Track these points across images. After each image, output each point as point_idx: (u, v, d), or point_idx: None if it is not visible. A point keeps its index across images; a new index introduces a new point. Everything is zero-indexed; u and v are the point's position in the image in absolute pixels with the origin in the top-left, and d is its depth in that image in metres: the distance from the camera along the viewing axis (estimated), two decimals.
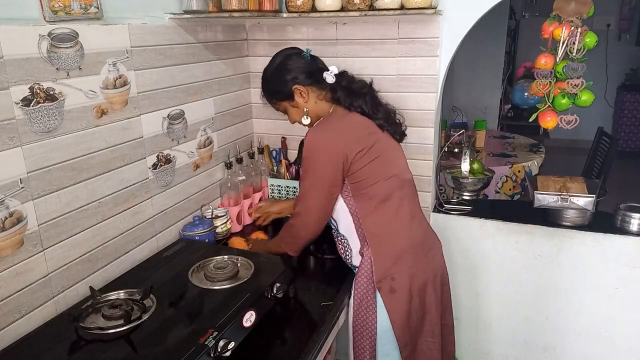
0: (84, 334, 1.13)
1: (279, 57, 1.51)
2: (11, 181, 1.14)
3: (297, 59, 1.49)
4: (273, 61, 1.52)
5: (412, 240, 1.47)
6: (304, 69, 1.48)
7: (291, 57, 1.49)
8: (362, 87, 1.51)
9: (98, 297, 1.26)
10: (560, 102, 1.60)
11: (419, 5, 1.59)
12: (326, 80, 1.48)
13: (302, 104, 1.50)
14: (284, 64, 1.48)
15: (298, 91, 1.47)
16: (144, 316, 1.18)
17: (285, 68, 1.48)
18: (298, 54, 1.50)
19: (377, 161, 1.42)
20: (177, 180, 1.72)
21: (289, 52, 1.52)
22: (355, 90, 1.48)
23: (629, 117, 5.77)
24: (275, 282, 1.33)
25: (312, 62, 1.50)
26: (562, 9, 1.56)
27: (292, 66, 1.48)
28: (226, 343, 1.09)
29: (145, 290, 1.25)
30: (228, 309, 1.19)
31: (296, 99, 1.49)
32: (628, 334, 1.89)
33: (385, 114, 1.51)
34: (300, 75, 1.47)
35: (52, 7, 1.19)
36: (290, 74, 1.47)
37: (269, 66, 1.52)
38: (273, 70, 1.50)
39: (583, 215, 1.85)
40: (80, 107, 1.30)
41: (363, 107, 1.47)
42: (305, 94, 1.48)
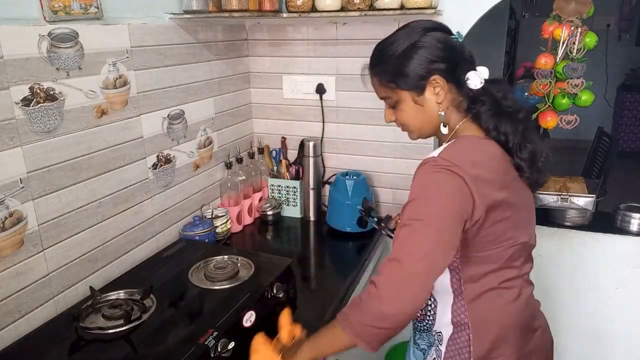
0: (84, 334, 1.13)
1: (417, 31, 1.05)
2: (11, 181, 1.13)
3: (445, 41, 1.06)
4: (407, 34, 1.06)
5: (520, 319, 1.09)
6: (450, 57, 1.05)
7: (436, 35, 1.05)
8: (518, 110, 1.08)
9: (98, 297, 1.26)
10: (560, 102, 1.60)
11: (419, 5, 1.59)
12: (468, 83, 1.06)
13: (433, 105, 1.07)
14: (426, 43, 1.04)
15: (435, 85, 1.05)
16: (144, 316, 1.18)
17: (426, 48, 1.03)
18: (447, 33, 1.08)
19: (509, 221, 1.02)
20: (177, 180, 1.72)
21: (433, 27, 1.07)
22: (505, 111, 1.06)
23: (629, 117, 5.76)
24: (276, 282, 1.33)
25: (462, 51, 1.08)
26: (562, 9, 1.56)
27: (437, 48, 1.04)
28: (226, 343, 1.09)
29: (145, 290, 1.25)
30: (228, 309, 1.19)
31: (427, 95, 1.06)
32: (628, 334, 1.89)
33: (532, 155, 1.06)
34: (443, 64, 1.04)
35: (52, 7, 1.19)
36: (432, 57, 1.03)
37: (400, 39, 1.06)
38: (409, 46, 1.04)
39: (583, 215, 1.85)
40: (80, 107, 1.30)
41: (509, 137, 1.04)
42: (443, 93, 1.05)
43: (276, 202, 2.03)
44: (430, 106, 1.07)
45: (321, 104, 2.02)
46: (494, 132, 1.05)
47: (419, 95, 1.06)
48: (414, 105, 1.08)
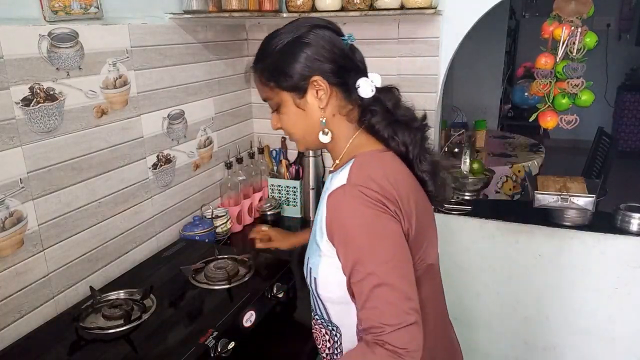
0: (84, 334, 1.13)
1: (303, 27, 0.96)
2: (11, 181, 1.14)
3: (332, 41, 0.95)
4: (293, 29, 0.96)
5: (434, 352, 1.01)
6: (337, 59, 0.95)
7: (324, 34, 0.95)
8: (413, 118, 1.02)
9: (98, 297, 1.26)
10: (560, 102, 1.60)
11: (419, 5, 1.59)
12: (359, 91, 0.97)
13: (315, 109, 0.96)
14: (311, 40, 0.94)
15: (316, 87, 0.94)
16: (144, 316, 1.18)
17: (310, 45, 0.93)
18: (336, 33, 0.97)
19: (416, 241, 0.93)
20: (177, 180, 1.72)
21: (322, 25, 0.97)
22: (400, 120, 1.00)
23: (629, 117, 5.76)
24: (276, 282, 1.33)
25: (350, 54, 0.97)
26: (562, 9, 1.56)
27: (322, 47, 0.94)
28: (226, 343, 1.09)
29: (145, 290, 1.25)
30: (228, 309, 1.19)
31: (308, 98, 0.96)
32: (628, 334, 1.89)
33: (433, 167, 1.01)
34: (328, 65, 0.94)
35: (52, 7, 1.19)
36: (315, 56, 0.93)
37: (284, 33, 0.97)
38: (290, 41, 0.95)
39: (583, 215, 1.85)
40: (80, 107, 1.30)
41: (408, 147, 0.98)
42: (325, 96, 0.95)
43: (276, 202, 2.03)
44: (312, 111, 0.96)
45: None
46: (393, 142, 0.98)
47: (301, 97, 0.96)
48: (296, 109, 0.97)
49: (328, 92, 0.95)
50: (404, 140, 0.98)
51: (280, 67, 0.96)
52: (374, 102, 0.98)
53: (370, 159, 0.95)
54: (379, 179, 0.89)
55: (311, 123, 0.98)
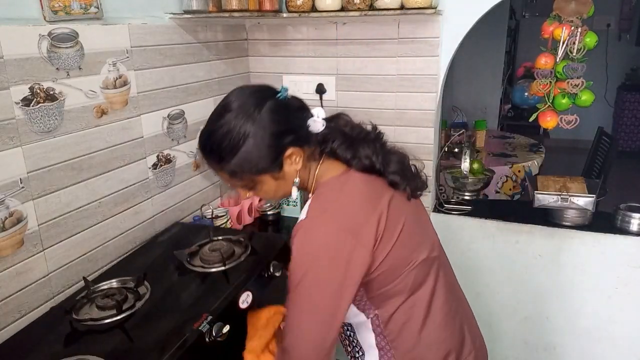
0: (78, 326, 1.12)
1: (249, 111, 0.93)
2: (11, 181, 1.13)
3: (282, 107, 0.97)
4: (240, 117, 0.93)
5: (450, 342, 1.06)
6: (292, 120, 0.97)
7: (271, 105, 0.95)
8: (367, 132, 1.07)
9: (92, 288, 1.25)
10: (560, 102, 1.60)
11: (419, 5, 1.59)
12: (310, 129, 0.99)
13: (292, 173, 0.99)
14: (267, 119, 0.93)
15: (292, 156, 0.97)
16: (138, 304, 1.17)
17: (270, 124, 0.93)
18: (274, 95, 0.97)
19: (398, 245, 0.97)
20: (177, 180, 1.72)
21: (261, 97, 0.96)
22: (357, 138, 1.03)
23: (629, 117, 5.76)
24: (272, 260, 1.32)
25: (293, 106, 1.00)
26: (562, 9, 1.56)
27: (280, 120, 0.95)
28: (221, 327, 1.09)
29: (138, 278, 1.23)
30: (224, 291, 1.19)
31: (285, 168, 0.97)
32: (628, 334, 1.89)
33: (400, 165, 1.05)
34: (291, 133, 0.96)
35: (52, 7, 1.19)
36: (279, 132, 0.94)
37: (234, 125, 0.93)
38: (250, 132, 0.92)
39: (583, 215, 1.85)
40: (80, 107, 1.30)
41: (372, 158, 1.01)
42: (300, 158, 0.98)
43: (276, 202, 2.03)
44: (290, 176, 1.00)
45: (321, 104, 2.02)
46: (356, 160, 1.01)
47: (279, 172, 0.98)
48: (275, 182, 0.99)
49: (302, 154, 0.98)
50: (367, 154, 1.01)
51: (252, 159, 0.94)
52: (329, 132, 1.01)
53: (328, 189, 0.99)
54: (339, 210, 0.94)
55: (287, 185, 1.01)
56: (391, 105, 1.91)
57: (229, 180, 0.99)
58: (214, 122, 0.96)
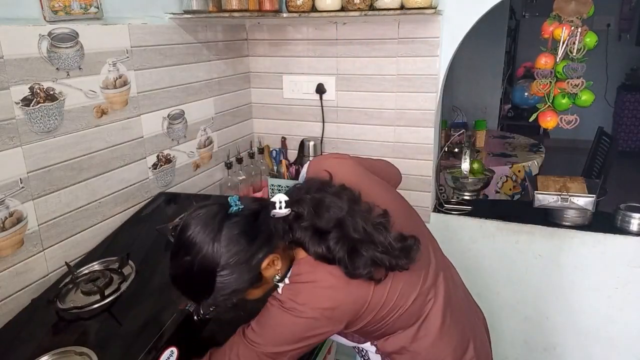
0: (64, 315, 1.08)
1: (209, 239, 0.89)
2: (11, 181, 1.14)
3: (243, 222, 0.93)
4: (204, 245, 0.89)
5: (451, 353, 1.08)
6: (260, 227, 0.94)
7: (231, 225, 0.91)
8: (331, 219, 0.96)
9: (75, 273, 1.21)
10: (560, 102, 1.60)
11: (419, 5, 1.59)
12: (275, 217, 0.96)
13: (272, 276, 0.97)
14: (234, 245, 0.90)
15: (270, 264, 0.95)
16: (123, 286, 1.13)
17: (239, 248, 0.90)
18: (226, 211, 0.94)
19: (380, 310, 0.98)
20: (177, 180, 1.72)
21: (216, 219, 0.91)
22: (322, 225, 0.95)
23: (629, 117, 5.76)
24: None
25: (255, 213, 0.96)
26: (562, 9, 1.56)
27: (245, 239, 0.91)
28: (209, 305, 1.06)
29: (122, 259, 1.21)
30: None
31: (266, 275, 0.96)
32: (628, 334, 1.88)
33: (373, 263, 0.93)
34: (265, 242, 0.93)
35: (52, 7, 1.19)
36: (251, 252, 0.91)
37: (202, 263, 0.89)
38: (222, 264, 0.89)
39: (583, 215, 1.85)
40: (80, 107, 1.30)
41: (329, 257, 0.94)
42: (279, 260, 0.96)
43: None
44: (270, 279, 0.98)
45: (321, 104, 2.02)
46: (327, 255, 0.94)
47: (261, 282, 0.97)
48: (259, 289, 0.99)
49: (279, 257, 0.96)
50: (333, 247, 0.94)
51: (228, 288, 0.91)
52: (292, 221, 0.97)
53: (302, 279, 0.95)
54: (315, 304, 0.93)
55: (268, 284, 1.00)
56: (391, 105, 1.91)
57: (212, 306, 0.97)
58: (178, 267, 0.92)
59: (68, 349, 0.98)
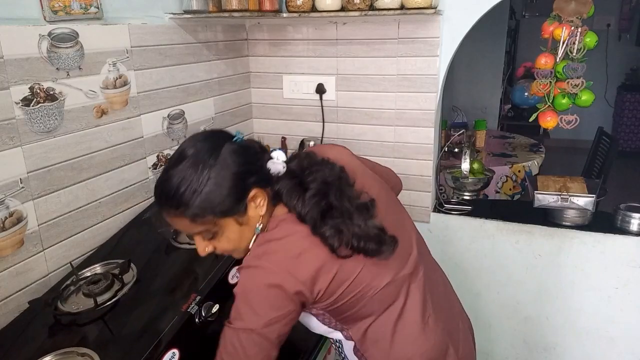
0: (62, 318, 1.09)
1: (206, 155, 0.91)
2: (11, 181, 1.14)
3: (241, 149, 0.95)
4: (198, 161, 0.90)
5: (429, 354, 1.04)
6: (253, 161, 0.95)
7: (230, 147, 0.93)
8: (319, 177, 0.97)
9: (78, 274, 1.22)
10: (560, 102, 1.60)
11: (419, 5, 1.59)
12: (271, 171, 0.96)
13: (255, 218, 0.96)
14: (227, 160, 0.91)
15: (256, 199, 0.94)
16: (125, 289, 1.14)
17: (231, 165, 0.91)
18: (230, 139, 0.96)
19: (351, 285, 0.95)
20: None
21: (218, 138, 0.95)
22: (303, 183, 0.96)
23: (629, 117, 5.76)
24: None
25: (255, 149, 0.98)
26: (562, 9, 1.56)
27: (241, 161, 0.92)
28: (210, 306, 1.08)
29: (123, 264, 1.21)
30: (212, 267, 1.17)
31: (249, 212, 0.95)
32: (628, 334, 1.89)
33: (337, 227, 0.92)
34: (255, 173, 0.94)
35: (52, 7, 1.19)
36: (241, 172, 0.92)
37: (192, 168, 0.90)
38: (214, 172, 0.90)
39: (583, 215, 1.85)
40: (80, 107, 1.30)
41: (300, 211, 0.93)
42: (264, 201, 0.95)
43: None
44: (253, 221, 0.96)
45: (321, 104, 2.02)
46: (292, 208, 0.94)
47: (243, 215, 0.94)
48: (239, 228, 0.95)
49: (265, 197, 0.95)
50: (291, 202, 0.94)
51: (214, 199, 0.90)
52: (283, 175, 0.97)
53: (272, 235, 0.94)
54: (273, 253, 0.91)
55: (250, 232, 0.97)
56: (391, 105, 1.91)
57: (189, 226, 0.93)
58: (171, 170, 0.91)
59: (70, 349, 0.98)
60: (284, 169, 0.96)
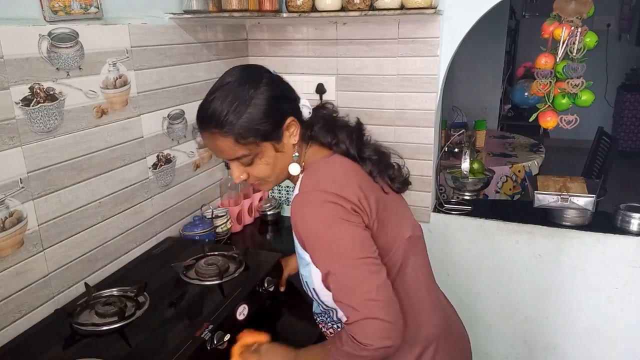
0: (78, 330, 1.13)
1: (254, 78, 1.00)
2: (11, 181, 1.13)
3: (279, 79, 1.04)
4: (245, 82, 0.99)
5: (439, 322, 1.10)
6: (289, 94, 1.05)
7: (270, 77, 1.02)
8: (348, 123, 1.11)
9: (93, 294, 1.26)
10: (560, 102, 1.60)
11: (419, 5, 1.59)
12: (302, 112, 1.06)
13: (290, 148, 1.03)
14: (269, 87, 0.99)
15: (291, 127, 1.02)
16: (138, 312, 1.19)
17: (274, 90, 1.00)
18: (267, 71, 1.05)
19: (388, 220, 1.03)
20: (177, 180, 1.72)
21: (258, 68, 1.05)
22: (337, 125, 1.09)
23: (629, 117, 5.76)
24: (266, 276, 1.35)
25: (289, 84, 1.07)
26: (562, 9, 1.56)
27: (282, 88, 1.03)
28: (222, 336, 1.11)
29: (139, 287, 1.25)
30: (221, 303, 1.21)
31: (284, 139, 1.02)
32: (628, 334, 1.89)
33: (375, 154, 1.07)
34: (289, 102, 1.03)
35: (52, 7, 1.19)
36: (282, 98, 1.01)
37: (239, 89, 0.98)
38: (256, 94, 0.97)
39: (583, 215, 1.85)
40: (80, 107, 1.30)
41: (347, 144, 1.05)
42: (297, 131, 1.03)
43: (276, 202, 2.03)
44: (288, 150, 1.03)
45: None
46: (334, 145, 1.05)
47: (279, 142, 1.01)
48: (275, 154, 1.01)
49: (298, 127, 1.03)
50: (342, 138, 1.05)
51: (255, 120, 0.96)
52: (314, 117, 1.08)
53: (317, 166, 1.03)
54: (328, 181, 0.98)
55: (286, 161, 1.04)
56: (391, 105, 1.91)
57: (232, 148, 0.98)
58: (215, 92, 0.99)
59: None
60: (309, 114, 1.07)
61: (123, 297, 1.25)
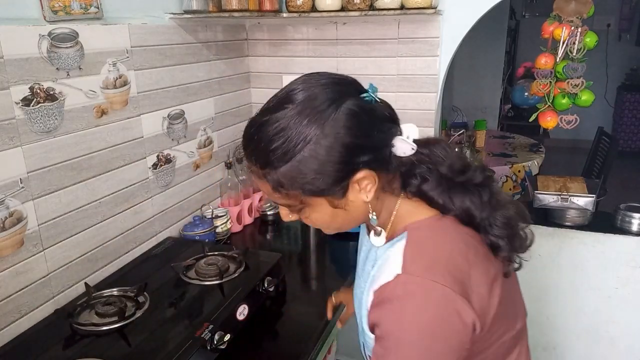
0: (78, 331, 1.14)
1: (327, 105, 0.71)
2: (11, 181, 1.13)
3: (365, 112, 0.73)
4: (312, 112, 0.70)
5: None
6: (378, 135, 0.74)
7: (352, 106, 0.72)
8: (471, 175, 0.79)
9: (93, 294, 1.27)
10: (560, 102, 1.60)
11: (419, 5, 1.59)
12: (394, 150, 0.76)
13: (359, 204, 0.76)
14: (343, 124, 0.70)
15: (362, 182, 0.74)
16: (138, 312, 1.19)
17: (345, 132, 0.70)
18: (357, 94, 0.75)
19: (501, 309, 0.76)
20: (177, 180, 1.72)
21: (342, 90, 0.75)
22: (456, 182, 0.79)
23: (629, 117, 5.76)
24: (266, 276, 1.35)
25: (382, 116, 0.77)
26: (562, 9, 1.56)
27: (360, 129, 0.71)
28: (222, 335, 1.11)
29: (139, 287, 1.25)
30: (222, 303, 1.21)
31: (350, 196, 0.75)
32: (628, 334, 1.89)
33: (507, 226, 0.78)
34: (370, 151, 0.72)
35: (52, 7, 1.19)
36: (355, 145, 0.70)
37: (299, 121, 0.70)
38: (315, 137, 0.69)
39: (583, 215, 1.85)
40: (80, 107, 1.30)
41: (473, 212, 0.77)
42: (372, 186, 0.74)
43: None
44: (356, 207, 0.76)
45: None
46: (450, 211, 0.78)
47: (340, 198, 0.74)
48: (332, 211, 0.76)
49: (375, 182, 0.74)
50: (466, 206, 0.77)
51: (306, 172, 0.70)
52: (417, 159, 0.79)
53: (428, 233, 0.76)
54: (449, 267, 0.70)
55: (353, 218, 0.79)
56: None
57: (271, 193, 0.75)
58: (269, 113, 0.72)
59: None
60: (412, 151, 0.76)
61: (123, 297, 1.25)
